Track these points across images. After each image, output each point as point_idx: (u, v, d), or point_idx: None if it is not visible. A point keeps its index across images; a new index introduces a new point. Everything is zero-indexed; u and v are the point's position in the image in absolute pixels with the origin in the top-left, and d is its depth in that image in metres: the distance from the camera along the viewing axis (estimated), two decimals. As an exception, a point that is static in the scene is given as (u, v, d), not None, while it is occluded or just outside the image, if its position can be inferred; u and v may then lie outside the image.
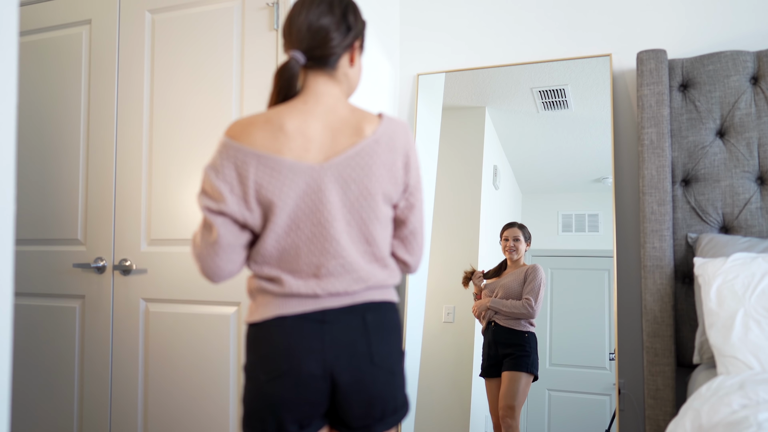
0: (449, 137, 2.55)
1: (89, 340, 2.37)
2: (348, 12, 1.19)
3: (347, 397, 1.13)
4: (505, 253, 2.41)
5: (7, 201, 0.76)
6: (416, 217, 1.24)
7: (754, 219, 2.02)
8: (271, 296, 1.15)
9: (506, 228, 2.43)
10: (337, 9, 1.18)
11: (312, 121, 1.15)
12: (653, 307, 2.03)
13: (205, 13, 2.26)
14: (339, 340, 1.12)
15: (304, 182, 1.12)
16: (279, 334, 1.12)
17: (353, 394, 1.13)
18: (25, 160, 2.52)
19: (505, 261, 2.41)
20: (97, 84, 2.42)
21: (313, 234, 1.13)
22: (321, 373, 1.11)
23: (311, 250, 1.13)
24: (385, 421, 1.17)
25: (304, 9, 1.17)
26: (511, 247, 2.40)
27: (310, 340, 1.11)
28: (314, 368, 1.11)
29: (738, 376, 1.39)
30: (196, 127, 2.24)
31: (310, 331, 1.12)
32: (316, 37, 1.16)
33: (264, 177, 1.11)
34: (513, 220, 2.43)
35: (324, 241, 1.13)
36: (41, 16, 2.54)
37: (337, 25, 1.17)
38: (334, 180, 1.12)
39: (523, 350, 2.28)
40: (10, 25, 0.77)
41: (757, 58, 2.09)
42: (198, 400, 2.18)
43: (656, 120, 2.10)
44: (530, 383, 2.28)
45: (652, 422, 1.98)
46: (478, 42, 2.58)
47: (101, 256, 2.36)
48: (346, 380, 1.12)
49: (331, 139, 1.14)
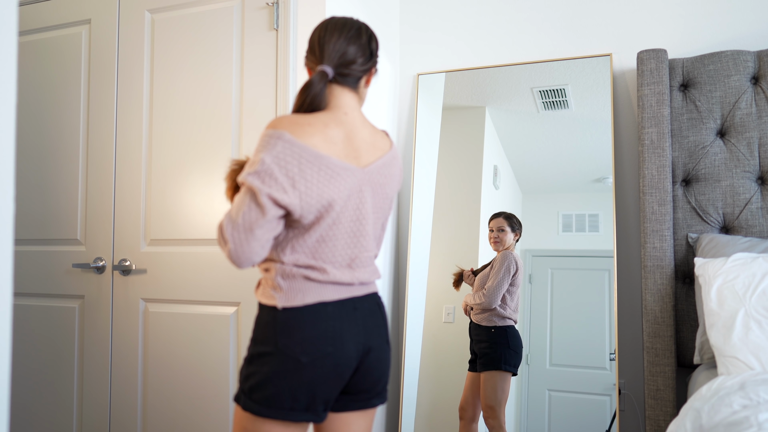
0: (449, 137, 2.55)
1: (89, 340, 2.36)
2: (371, 40, 1.35)
3: (365, 374, 1.29)
4: (490, 244, 2.37)
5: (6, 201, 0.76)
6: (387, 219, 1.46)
7: (754, 219, 2.02)
8: (312, 283, 1.25)
9: (492, 218, 2.39)
10: (364, 36, 1.33)
11: (352, 131, 1.30)
12: (654, 308, 2.03)
13: (204, 13, 2.25)
14: (369, 323, 1.30)
15: (353, 183, 1.27)
16: (322, 319, 1.23)
17: (372, 371, 1.30)
18: (25, 160, 2.52)
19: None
20: (96, 84, 2.41)
21: (352, 229, 1.28)
22: (356, 354, 1.26)
23: (348, 243, 1.28)
24: (382, 395, 1.37)
25: (336, 33, 1.31)
26: (495, 238, 2.36)
27: (351, 325, 1.26)
28: (353, 350, 1.25)
29: (738, 377, 1.39)
30: (196, 126, 2.24)
31: (348, 316, 1.27)
32: (345, 60, 1.30)
33: (324, 177, 1.22)
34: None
35: (360, 236, 1.29)
36: (41, 15, 2.53)
37: (363, 50, 1.32)
38: (370, 184, 1.30)
39: (492, 347, 2.25)
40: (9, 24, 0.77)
41: (758, 58, 2.09)
42: (197, 400, 2.18)
43: (657, 120, 2.10)
44: (507, 379, 2.23)
45: (652, 422, 1.98)
46: (478, 42, 2.57)
47: (101, 256, 2.36)
48: (372, 359, 1.29)
49: (364, 148, 1.31)
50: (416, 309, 2.46)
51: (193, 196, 2.23)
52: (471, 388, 2.30)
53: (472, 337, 2.33)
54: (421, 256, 2.49)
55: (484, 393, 2.24)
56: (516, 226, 2.36)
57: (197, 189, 2.23)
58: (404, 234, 2.60)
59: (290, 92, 2.10)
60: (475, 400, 2.29)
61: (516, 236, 2.36)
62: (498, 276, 2.28)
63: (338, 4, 2.12)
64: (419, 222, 2.51)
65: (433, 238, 2.49)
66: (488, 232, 2.39)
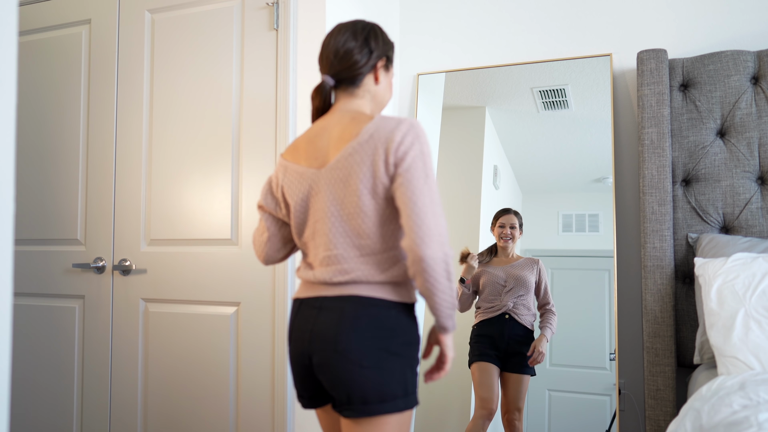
0: (449, 137, 2.55)
1: (89, 340, 2.36)
2: (370, 37, 1.36)
3: (318, 376, 1.28)
4: (500, 241, 2.35)
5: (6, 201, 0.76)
6: (403, 195, 1.21)
7: (754, 219, 2.02)
8: (300, 280, 1.40)
9: (502, 214, 2.37)
10: (360, 35, 1.35)
11: (318, 134, 1.34)
12: (654, 307, 2.03)
13: (205, 13, 2.25)
14: (319, 324, 1.26)
15: (306, 186, 1.32)
16: (291, 315, 1.35)
17: (320, 374, 1.27)
18: (25, 160, 2.52)
19: (494, 247, 2.37)
20: (96, 84, 2.41)
21: (314, 229, 1.32)
22: (301, 353, 1.29)
23: (314, 244, 1.33)
24: (354, 409, 1.22)
25: (333, 37, 1.36)
26: (507, 235, 2.34)
27: (303, 322, 1.29)
28: (296, 349, 1.31)
29: (738, 377, 1.39)
30: (196, 126, 2.24)
31: (304, 314, 1.30)
32: (343, 61, 1.34)
33: (287, 184, 1.36)
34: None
35: (319, 235, 1.30)
36: (41, 15, 2.53)
37: (360, 48, 1.34)
38: (327, 182, 1.29)
39: (527, 348, 2.26)
40: (9, 24, 0.77)
41: (758, 58, 2.09)
42: (198, 399, 2.18)
43: (657, 120, 2.10)
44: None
45: (652, 422, 1.98)
46: (478, 42, 2.57)
47: (101, 256, 2.36)
48: (315, 362, 1.27)
49: (332, 145, 1.30)
50: (416, 309, 2.45)
51: (193, 196, 2.23)
52: (497, 383, 2.27)
53: (504, 332, 2.28)
54: (421, 256, 2.49)
55: (517, 395, 2.23)
56: (522, 225, 2.36)
57: (197, 189, 2.23)
58: (404, 234, 2.59)
59: (290, 92, 2.09)
60: (498, 397, 2.26)
61: (520, 234, 2.36)
62: (546, 282, 2.31)
63: (338, 4, 2.12)
64: (419, 222, 2.50)
65: (433, 238, 2.49)
66: (498, 228, 2.36)
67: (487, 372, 2.27)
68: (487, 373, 2.26)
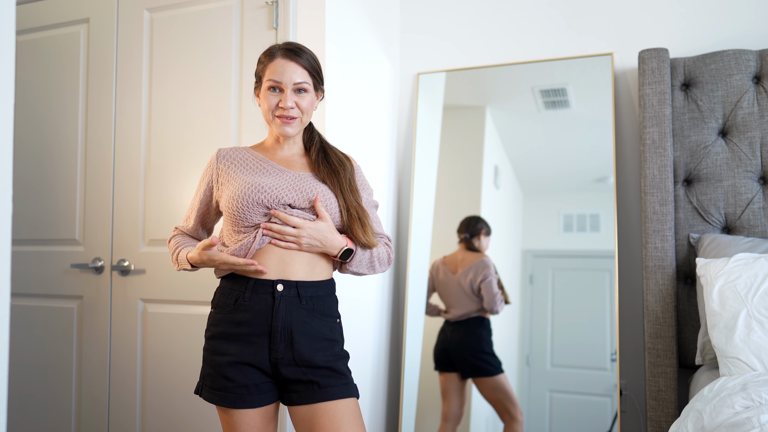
0: (450, 137, 2.54)
1: (87, 340, 2.35)
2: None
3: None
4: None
5: (4, 201, 0.75)
6: None
7: (756, 219, 2.01)
8: None
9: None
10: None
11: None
12: (655, 308, 2.02)
13: (204, 12, 2.24)
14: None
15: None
16: None
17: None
18: (23, 160, 2.51)
19: None
20: (95, 83, 2.40)
21: None
22: None
23: None
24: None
25: None
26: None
27: None
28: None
29: (740, 378, 1.38)
30: (195, 126, 2.23)
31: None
32: None
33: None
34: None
35: None
36: (39, 14, 2.52)
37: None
38: None
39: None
40: (7, 23, 0.76)
41: (760, 57, 2.08)
42: (196, 400, 2.17)
43: (658, 119, 2.09)
44: None
45: (653, 424, 1.97)
46: (478, 41, 2.56)
47: (99, 257, 2.35)
48: None
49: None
50: (416, 308, 2.45)
51: (193, 196, 2.22)
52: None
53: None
54: (421, 256, 2.48)
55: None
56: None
57: (196, 189, 2.22)
58: (404, 234, 2.59)
59: (290, 91, 2.08)
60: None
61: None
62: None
63: (338, 3, 2.11)
64: (419, 221, 2.50)
65: (433, 237, 2.48)
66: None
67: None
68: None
